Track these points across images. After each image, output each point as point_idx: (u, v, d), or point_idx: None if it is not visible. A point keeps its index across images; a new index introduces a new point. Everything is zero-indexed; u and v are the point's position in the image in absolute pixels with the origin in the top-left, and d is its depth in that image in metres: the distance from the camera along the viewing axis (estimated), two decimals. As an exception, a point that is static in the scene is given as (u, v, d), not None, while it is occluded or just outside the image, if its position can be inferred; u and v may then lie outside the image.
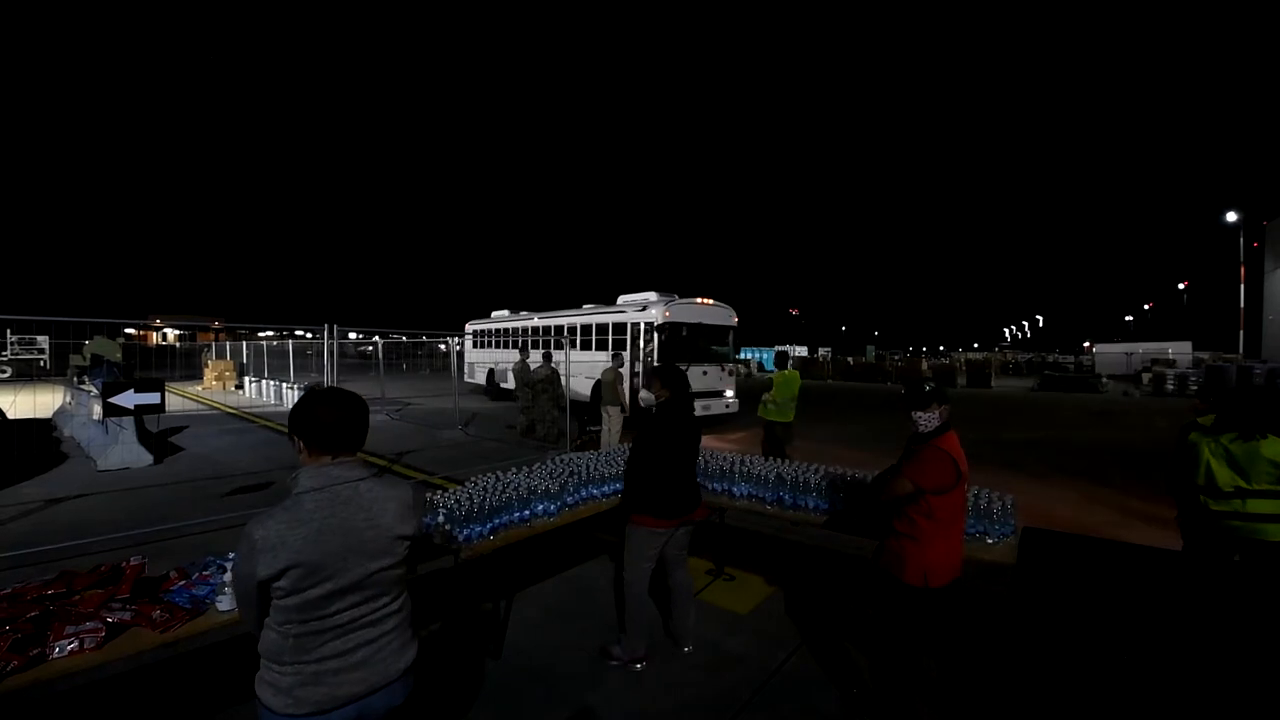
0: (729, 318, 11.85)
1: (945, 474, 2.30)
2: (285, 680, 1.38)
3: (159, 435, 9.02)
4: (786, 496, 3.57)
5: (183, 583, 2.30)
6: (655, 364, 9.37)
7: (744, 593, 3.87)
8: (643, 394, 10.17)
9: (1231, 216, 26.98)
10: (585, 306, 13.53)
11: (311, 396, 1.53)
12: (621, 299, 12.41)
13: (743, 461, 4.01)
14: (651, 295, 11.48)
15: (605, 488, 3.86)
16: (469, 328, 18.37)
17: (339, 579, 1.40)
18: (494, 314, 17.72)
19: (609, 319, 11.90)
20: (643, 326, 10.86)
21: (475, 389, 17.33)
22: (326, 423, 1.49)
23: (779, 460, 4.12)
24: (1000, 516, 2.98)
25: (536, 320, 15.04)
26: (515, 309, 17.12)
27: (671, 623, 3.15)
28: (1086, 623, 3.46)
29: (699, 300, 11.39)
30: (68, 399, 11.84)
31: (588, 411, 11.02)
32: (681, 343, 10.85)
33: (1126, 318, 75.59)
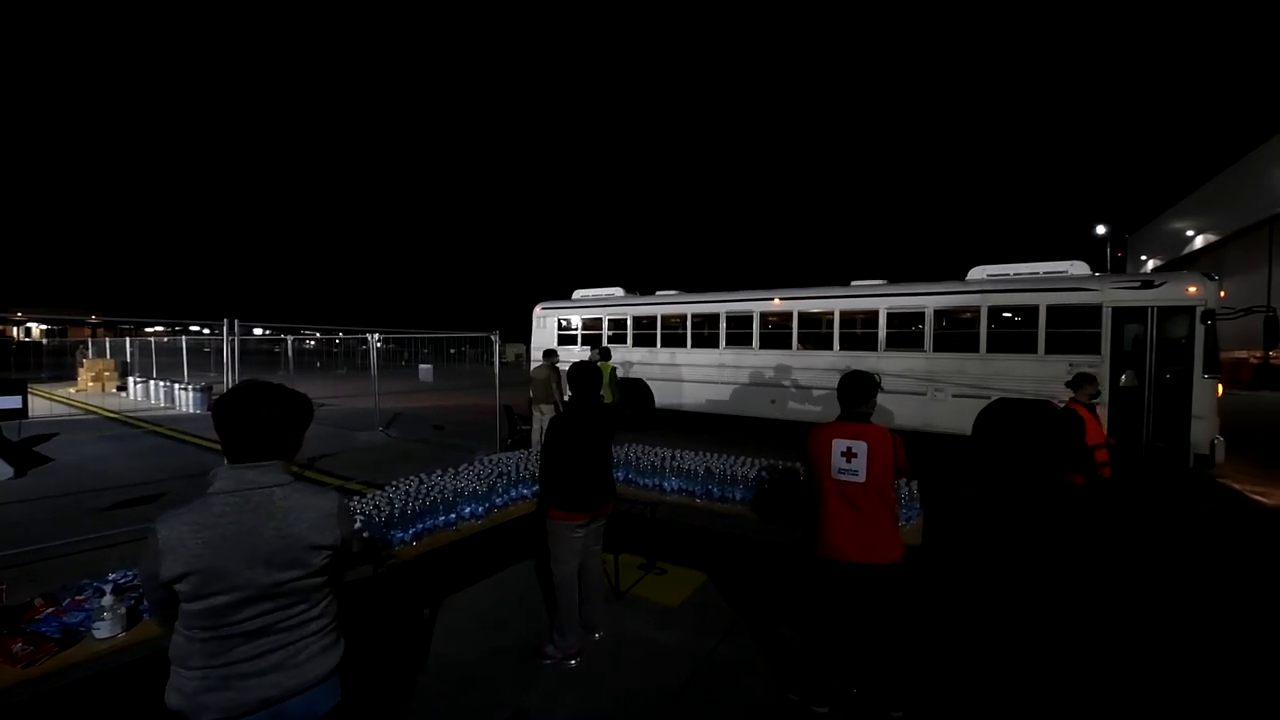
0: None
1: (808, 451, 2.67)
2: (191, 685, 1.31)
3: (21, 444, 7.98)
4: (715, 490, 3.66)
5: (51, 610, 2.04)
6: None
7: (675, 585, 3.94)
8: None
9: (1101, 229, 30.47)
10: (855, 283, 9.07)
11: (230, 396, 1.44)
12: (989, 272, 8.10)
13: (673, 457, 4.07)
14: (1078, 266, 7.59)
15: (535, 487, 3.79)
16: (548, 313, 11.75)
17: (243, 589, 1.33)
18: (576, 293, 12.00)
19: (1040, 299, 7.38)
20: (1155, 314, 6.79)
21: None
22: (238, 426, 1.41)
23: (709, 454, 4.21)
24: (906, 501, 3.21)
25: (853, 300, 8.75)
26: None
27: (584, 609, 3.21)
28: (982, 598, 3.81)
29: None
30: (-100, 404, 10.16)
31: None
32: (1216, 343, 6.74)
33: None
